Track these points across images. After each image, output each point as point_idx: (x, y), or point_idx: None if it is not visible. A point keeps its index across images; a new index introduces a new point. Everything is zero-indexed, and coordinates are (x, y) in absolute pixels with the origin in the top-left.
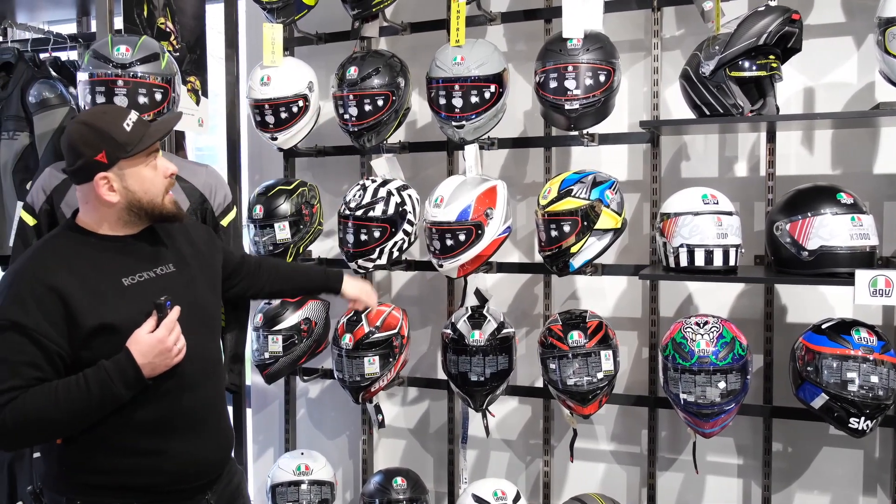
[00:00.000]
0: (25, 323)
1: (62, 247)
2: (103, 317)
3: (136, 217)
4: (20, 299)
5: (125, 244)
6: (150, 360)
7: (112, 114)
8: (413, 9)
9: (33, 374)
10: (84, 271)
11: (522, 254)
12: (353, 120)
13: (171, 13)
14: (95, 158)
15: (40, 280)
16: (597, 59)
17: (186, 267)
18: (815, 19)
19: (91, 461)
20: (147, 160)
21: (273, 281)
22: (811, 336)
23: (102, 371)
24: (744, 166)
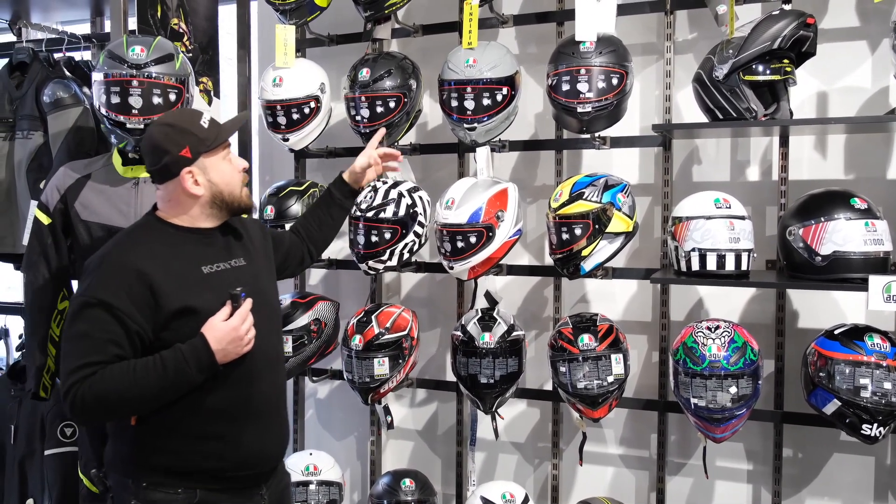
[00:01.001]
0: (112, 302)
1: (145, 235)
2: (185, 300)
3: (217, 210)
4: (108, 281)
5: (202, 236)
6: (223, 347)
7: (189, 114)
8: (425, 11)
9: (114, 352)
10: (166, 257)
11: (532, 256)
12: (365, 121)
13: (184, 14)
14: (180, 154)
15: (126, 264)
16: (609, 62)
17: (253, 261)
18: (829, 23)
19: (161, 443)
20: (223, 154)
21: (308, 230)
22: (824, 342)
23: (179, 354)
24: (756, 170)
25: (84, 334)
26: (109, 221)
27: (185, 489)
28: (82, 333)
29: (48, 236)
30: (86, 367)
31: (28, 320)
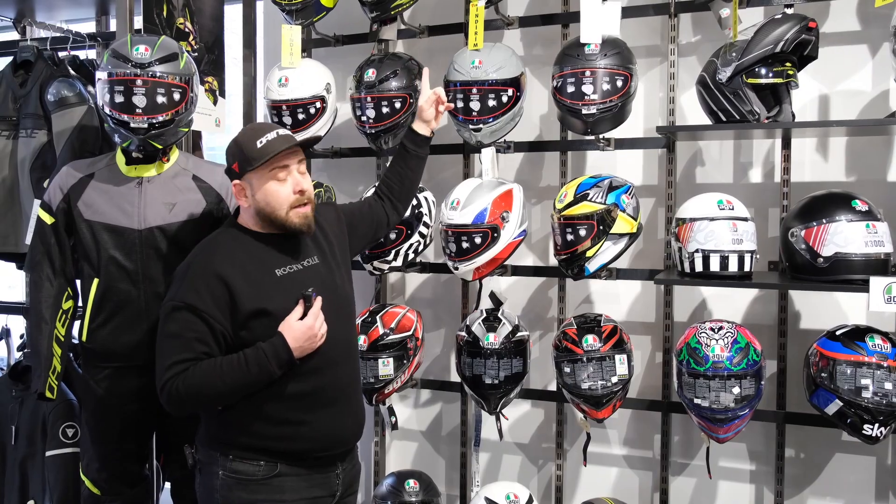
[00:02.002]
0: (197, 305)
1: (226, 242)
2: (260, 302)
3: (265, 222)
4: (193, 285)
5: (275, 240)
6: (300, 345)
7: (256, 130)
8: (431, 12)
9: (202, 349)
10: (244, 263)
11: (537, 257)
12: (371, 122)
13: (190, 14)
14: (232, 167)
15: (209, 269)
16: (614, 64)
17: (326, 258)
18: (830, 27)
19: (245, 424)
20: (272, 174)
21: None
22: (825, 342)
23: (260, 351)
24: (758, 172)
25: (175, 334)
26: (113, 221)
27: (266, 462)
28: (173, 334)
29: (51, 236)
30: (178, 365)
31: (32, 320)
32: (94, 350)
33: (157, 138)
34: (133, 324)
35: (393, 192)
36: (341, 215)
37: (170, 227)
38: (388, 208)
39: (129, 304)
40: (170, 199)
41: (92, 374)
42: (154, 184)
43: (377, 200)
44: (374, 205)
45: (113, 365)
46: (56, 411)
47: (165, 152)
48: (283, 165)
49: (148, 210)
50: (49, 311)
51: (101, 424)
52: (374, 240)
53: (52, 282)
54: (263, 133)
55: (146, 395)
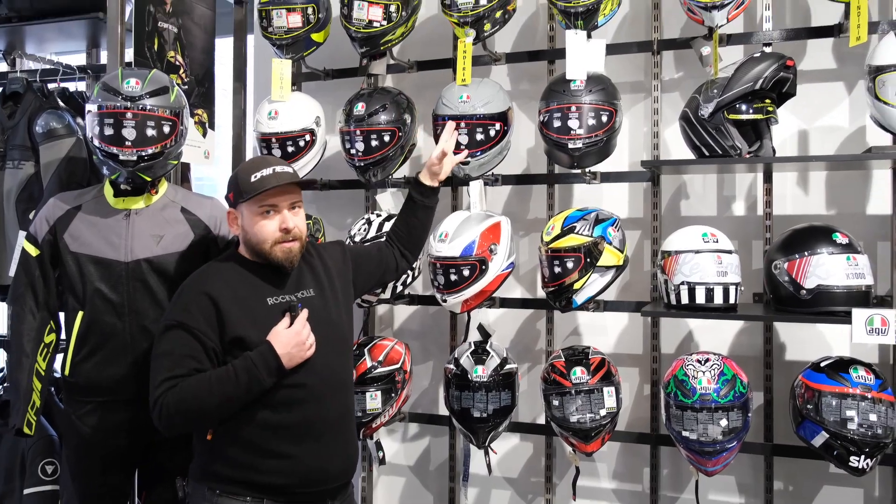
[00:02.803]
0: (188, 322)
1: (221, 267)
2: (245, 329)
3: (254, 254)
4: (185, 304)
5: (271, 270)
6: (288, 351)
7: (254, 164)
8: (420, 47)
9: (193, 365)
10: (236, 288)
11: (525, 289)
12: (360, 155)
13: (181, 47)
14: (228, 196)
15: (199, 289)
16: (599, 100)
17: (324, 292)
18: (808, 65)
19: (232, 456)
20: (260, 210)
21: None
22: (810, 374)
23: (248, 360)
24: (742, 205)
25: (166, 352)
26: (99, 253)
27: (252, 498)
28: (165, 352)
29: (36, 268)
30: (169, 381)
31: (12, 354)
32: (78, 384)
33: (146, 171)
34: (118, 357)
35: (401, 240)
36: (348, 253)
37: (157, 259)
38: (396, 255)
39: (113, 337)
40: (157, 232)
41: (74, 408)
42: (142, 216)
43: (387, 246)
44: (383, 248)
45: (96, 399)
46: (35, 447)
47: (154, 184)
48: (272, 204)
49: (135, 242)
50: (30, 344)
51: (84, 460)
52: (381, 283)
53: (35, 315)
54: (261, 167)
55: (130, 429)
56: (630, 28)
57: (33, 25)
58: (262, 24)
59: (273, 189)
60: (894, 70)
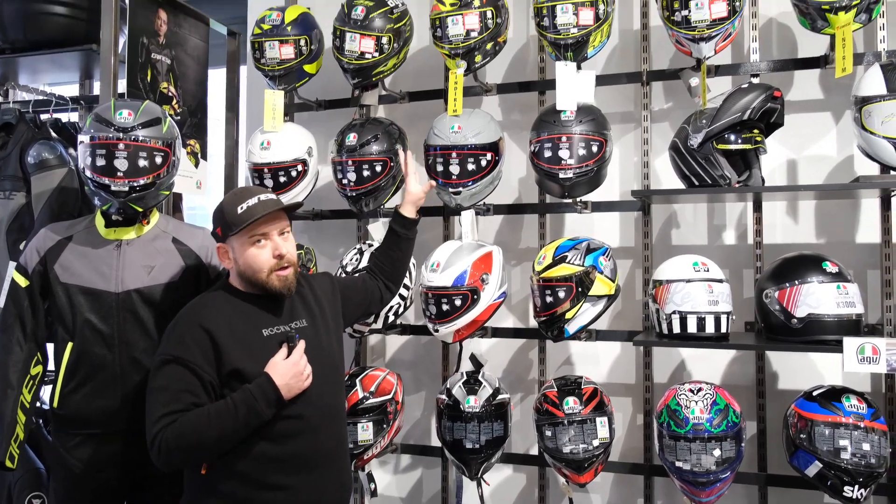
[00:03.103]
0: (184, 356)
1: (215, 299)
2: (243, 362)
3: (249, 284)
4: (181, 338)
5: (264, 301)
6: (286, 382)
7: (239, 195)
8: (411, 78)
9: (190, 400)
10: (231, 320)
11: (517, 318)
12: (352, 185)
13: (174, 78)
14: (216, 231)
15: (195, 322)
16: (589, 130)
17: (316, 322)
18: (795, 95)
19: (227, 490)
20: (252, 240)
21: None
22: (803, 403)
23: (247, 392)
24: (732, 234)
25: (163, 387)
26: (89, 284)
27: None
28: (162, 387)
29: (25, 299)
30: (167, 416)
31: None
32: (66, 416)
33: (138, 201)
34: (107, 389)
35: (385, 273)
36: (336, 284)
37: (148, 289)
38: (381, 286)
39: (103, 368)
40: (149, 262)
41: (63, 441)
42: (133, 246)
43: (371, 278)
44: (367, 280)
45: (85, 432)
46: (22, 481)
47: (146, 215)
48: (262, 233)
49: (126, 273)
50: (16, 376)
51: (72, 494)
52: (367, 314)
53: (22, 346)
54: (245, 198)
55: (120, 462)
56: (619, 59)
57: (27, 57)
58: (255, 56)
59: (262, 218)
60: (880, 100)
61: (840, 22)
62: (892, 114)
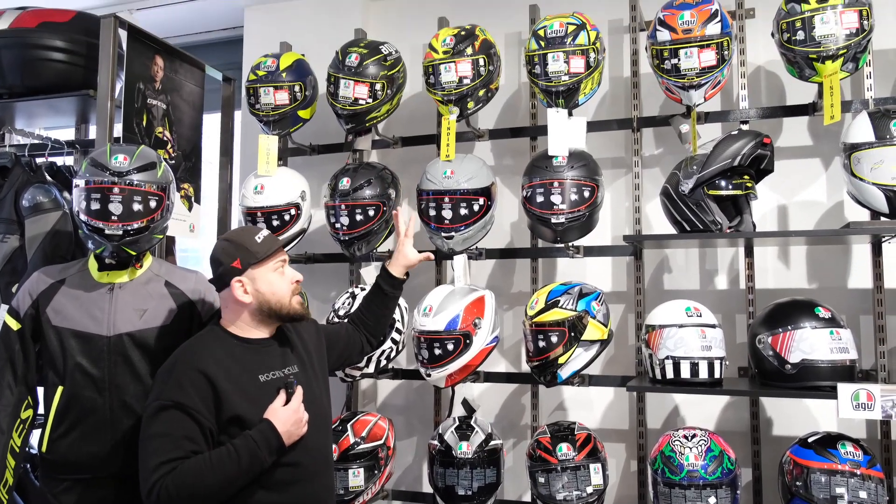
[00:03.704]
0: (185, 402)
1: (210, 342)
2: (244, 407)
3: (265, 317)
4: (179, 383)
5: (260, 345)
6: (287, 429)
7: (247, 230)
8: (404, 124)
9: (191, 447)
10: (228, 365)
11: (509, 363)
12: (345, 229)
13: (169, 123)
14: (232, 265)
15: (194, 367)
16: (581, 175)
17: (305, 368)
18: (784, 142)
19: None
20: (274, 267)
21: (365, 325)
22: (798, 450)
23: (250, 439)
24: (724, 279)
25: (162, 434)
26: (81, 328)
27: None
28: (160, 433)
29: (16, 342)
30: (167, 464)
31: None
32: (55, 461)
33: (132, 245)
34: (97, 433)
35: (368, 327)
36: (321, 331)
37: (140, 333)
38: (363, 339)
39: (93, 412)
40: (141, 306)
41: (50, 486)
42: (126, 290)
43: (355, 330)
44: (350, 331)
45: (73, 477)
46: None
47: (139, 258)
48: (282, 259)
49: (118, 316)
50: (6, 420)
51: None
52: (348, 363)
53: (13, 390)
54: (254, 232)
55: None
56: (610, 106)
57: (24, 102)
58: (250, 101)
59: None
60: (869, 147)
61: (827, 71)
62: (881, 160)
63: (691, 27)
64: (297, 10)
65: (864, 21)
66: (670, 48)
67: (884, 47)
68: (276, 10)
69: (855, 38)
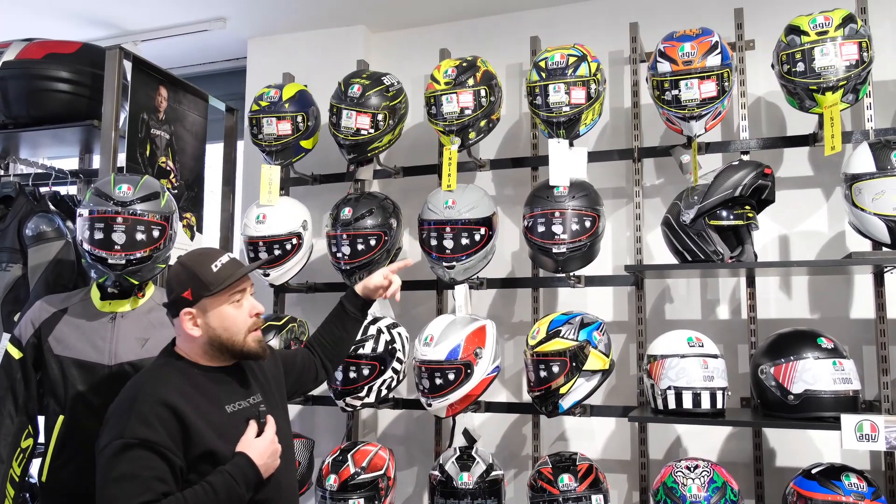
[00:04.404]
0: (153, 439)
1: (170, 372)
2: (214, 442)
3: (217, 352)
4: (145, 418)
5: (222, 374)
6: (265, 461)
7: (205, 255)
8: (406, 153)
9: (161, 489)
10: (193, 396)
11: (511, 393)
12: (346, 258)
13: (172, 153)
14: (182, 295)
15: (159, 400)
16: (582, 205)
17: (267, 396)
18: (785, 172)
19: None
20: (231, 298)
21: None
22: (802, 481)
23: (226, 475)
24: (726, 309)
25: (130, 476)
26: (83, 356)
27: None
28: (128, 475)
29: (18, 371)
30: None
31: None
32: (55, 490)
33: (134, 274)
34: None
35: (326, 351)
36: (278, 357)
37: (141, 362)
38: (318, 364)
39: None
40: (142, 335)
41: None
42: (128, 319)
43: (310, 354)
44: (306, 357)
45: None
46: None
47: (141, 287)
48: (241, 290)
49: (120, 345)
50: (6, 449)
51: None
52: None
53: (14, 419)
54: (214, 258)
55: None
56: (611, 136)
57: (29, 132)
58: (253, 132)
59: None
60: (870, 178)
61: (828, 102)
62: (882, 191)
63: (692, 59)
64: (299, 41)
65: (863, 53)
66: (671, 79)
67: (884, 78)
68: (279, 41)
69: (855, 69)
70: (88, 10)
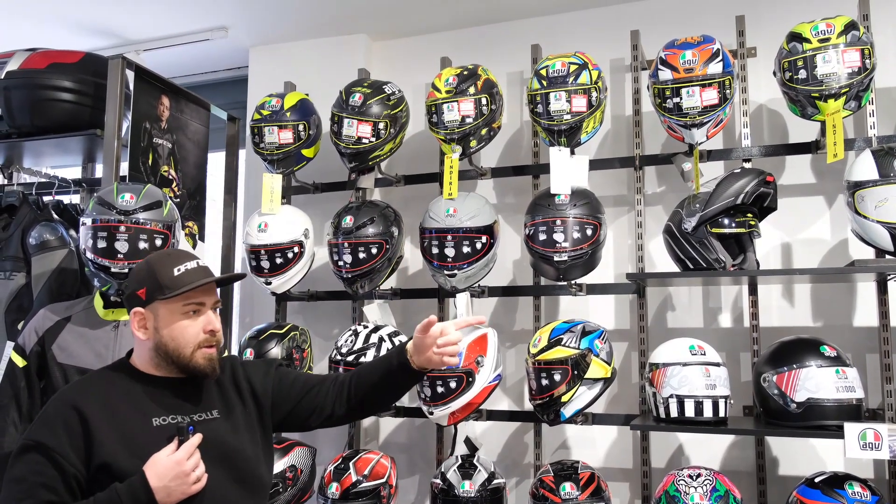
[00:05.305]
0: (48, 444)
1: (104, 378)
2: (115, 455)
3: (164, 361)
4: (49, 421)
5: (171, 385)
6: (165, 484)
7: (171, 257)
8: (407, 162)
9: (47, 497)
10: (117, 405)
11: (512, 401)
12: (348, 267)
13: (174, 162)
14: (136, 293)
15: (69, 402)
16: (584, 213)
17: (232, 414)
18: (787, 180)
19: None
20: (185, 308)
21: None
22: (805, 490)
23: (114, 494)
24: (728, 317)
25: (19, 479)
26: (86, 364)
27: None
28: (17, 478)
29: (22, 379)
30: None
31: None
32: None
33: None
34: None
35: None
36: (272, 373)
37: None
38: (340, 402)
39: None
40: None
41: None
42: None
43: (334, 389)
44: (328, 388)
45: None
46: None
47: None
48: (199, 302)
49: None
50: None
51: None
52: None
53: (17, 427)
54: (181, 261)
55: None
56: (612, 144)
57: (32, 141)
58: (255, 140)
59: (202, 286)
60: (873, 185)
61: (830, 109)
62: (885, 198)
63: (693, 66)
64: (301, 50)
65: (866, 60)
66: (672, 87)
67: (887, 85)
68: (280, 50)
69: (857, 76)
70: (91, 19)
